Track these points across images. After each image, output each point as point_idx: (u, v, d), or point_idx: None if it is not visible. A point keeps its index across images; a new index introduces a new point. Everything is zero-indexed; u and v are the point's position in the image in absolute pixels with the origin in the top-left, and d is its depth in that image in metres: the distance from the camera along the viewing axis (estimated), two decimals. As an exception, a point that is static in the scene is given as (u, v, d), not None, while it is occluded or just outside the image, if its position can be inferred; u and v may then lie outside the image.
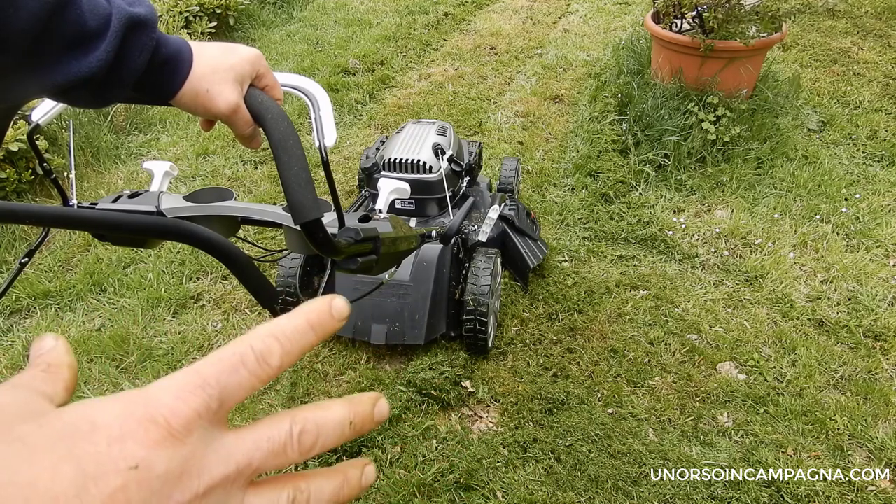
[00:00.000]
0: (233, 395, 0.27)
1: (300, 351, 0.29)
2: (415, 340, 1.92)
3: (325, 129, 0.75)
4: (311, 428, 0.28)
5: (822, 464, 1.68)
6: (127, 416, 0.25)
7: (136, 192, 1.01)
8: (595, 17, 5.05)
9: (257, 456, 0.27)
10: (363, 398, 0.31)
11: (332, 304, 0.30)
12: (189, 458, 0.25)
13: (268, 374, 0.28)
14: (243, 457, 0.27)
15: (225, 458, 0.26)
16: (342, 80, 3.90)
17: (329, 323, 0.30)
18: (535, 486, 1.65)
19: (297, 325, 0.29)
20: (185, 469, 0.25)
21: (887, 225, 2.55)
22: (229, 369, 0.27)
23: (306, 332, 0.29)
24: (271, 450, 0.28)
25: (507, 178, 2.52)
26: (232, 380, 0.27)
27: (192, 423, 0.26)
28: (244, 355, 0.27)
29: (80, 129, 3.09)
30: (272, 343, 0.28)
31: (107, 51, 0.55)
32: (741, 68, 2.89)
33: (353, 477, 0.30)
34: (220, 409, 0.27)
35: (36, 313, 2.26)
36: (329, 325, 0.30)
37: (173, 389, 0.26)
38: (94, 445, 0.24)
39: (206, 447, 0.26)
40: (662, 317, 2.18)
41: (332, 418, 0.29)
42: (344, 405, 0.30)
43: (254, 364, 0.27)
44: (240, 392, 0.27)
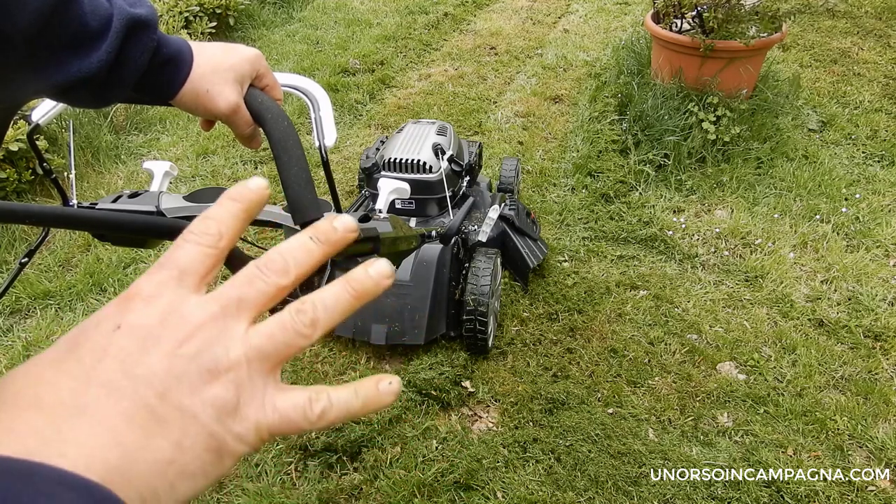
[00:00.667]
0: (188, 263, 0.30)
1: (230, 217, 0.32)
2: (415, 340, 1.93)
3: (325, 129, 0.75)
4: (274, 255, 0.32)
5: (822, 464, 1.68)
6: (107, 307, 0.30)
7: (136, 192, 1.01)
8: (595, 17, 5.05)
9: (233, 290, 0.30)
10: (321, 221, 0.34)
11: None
12: (165, 309, 0.29)
13: (210, 241, 0.31)
14: (220, 295, 0.30)
15: (203, 301, 0.30)
16: (342, 80, 3.90)
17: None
18: (535, 486, 1.65)
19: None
20: (164, 318, 0.29)
21: (887, 225, 2.55)
22: (175, 248, 0.31)
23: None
24: (244, 281, 0.31)
25: (507, 178, 2.52)
26: (180, 253, 0.31)
27: (159, 288, 0.30)
28: (184, 235, 0.32)
29: (80, 129, 3.09)
30: (204, 219, 0.32)
31: (108, 51, 0.55)
32: (741, 68, 2.89)
33: (357, 273, 0.32)
34: (183, 276, 0.30)
35: (36, 313, 2.26)
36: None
37: (141, 277, 0.31)
38: (85, 334, 0.29)
39: (181, 301, 0.29)
40: (662, 317, 2.18)
41: (290, 241, 0.32)
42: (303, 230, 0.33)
43: (192, 237, 0.31)
44: (192, 258, 0.31)
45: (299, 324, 0.30)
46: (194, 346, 0.28)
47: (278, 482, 1.68)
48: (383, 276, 0.32)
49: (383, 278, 0.32)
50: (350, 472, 1.71)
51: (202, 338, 0.29)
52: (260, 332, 0.30)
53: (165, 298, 0.29)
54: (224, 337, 0.29)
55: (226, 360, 0.29)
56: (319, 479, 1.68)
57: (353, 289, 0.31)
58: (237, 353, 0.29)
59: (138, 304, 0.29)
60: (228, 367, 0.29)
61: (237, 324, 0.30)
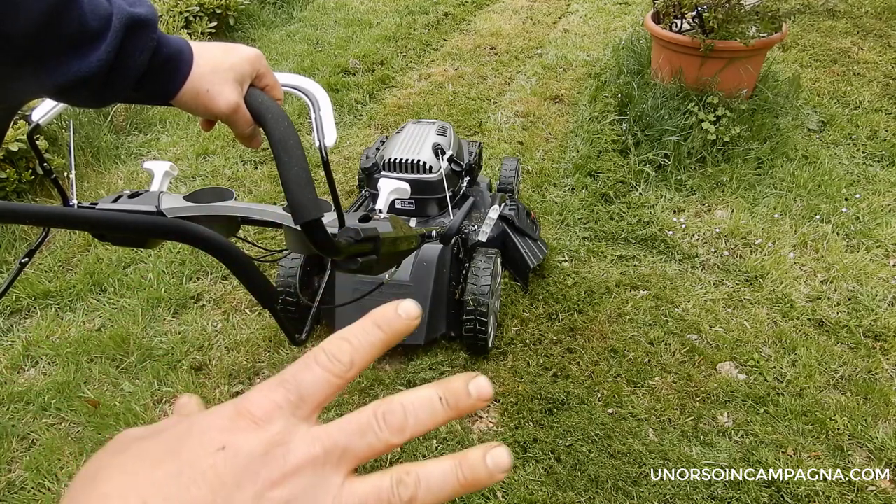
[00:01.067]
0: (311, 390, 0.29)
1: (370, 346, 0.30)
2: (415, 340, 1.93)
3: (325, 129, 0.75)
4: (397, 408, 0.29)
5: (822, 464, 1.68)
6: (217, 415, 0.29)
7: (136, 192, 1.01)
8: (595, 17, 5.05)
9: (342, 437, 0.28)
10: (453, 377, 0.31)
11: (399, 304, 0.31)
12: (272, 440, 0.27)
13: (340, 370, 0.29)
14: (328, 437, 0.28)
15: (310, 440, 0.28)
16: (342, 80, 3.90)
17: (395, 320, 0.31)
18: (535, 486, 1.65)
19: (364, 324, 0.31)
20: (268, 450, 0.27)
21: (887, 225, 2.55)
22: (303, 367, 0.29)
23: (372, 329, 0.31)
24: (356, 430, 0.29)
25: (507, 178, 2.52)
26: (307, 376, 0.29)
27: (273, 412, 0.28)
28: (316, 355, 0.30)
29: (80, 129, 3.09)
30: (340, 342, 0.30)
31: (108, 51, 0.55)
32: (741, 68, 2.89)
33: (473, 457, 0.28)
34: (301, 403, 0.29)
35: (36, 313, 2.26)
36: (395, 322, 0.31)
37: (259, 389, 0.29)
38: (190, 440, 0.28)
39: (290, 433, 0.28)
40: (662, 317, 2.18)
41: (418, 395, 0.30)
42: (432, 385, 0.30)
43: (325, 361, 0.29)
44: (316, 387, 0.29)
45: (397, 499, 0.28)
46: (285, 493, 0.26)
47: (278, 482, 1.68)
48: (501, 468, 0.28)
49: (500, 471, 0.28)
50: (350, 472, 1.71)
51: (296, 484, 0.27)
52: (354, 494, 0.28)
53: (276, 426, 0.28)
54: (318, 487, 0.27)
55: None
56: (319, 479, 1.68)
57: (464, 476, 0.28)
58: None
59: (248, 426, 0.27)
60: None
61: (335, 476, 0.28)
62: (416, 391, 0.30)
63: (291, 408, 0.28)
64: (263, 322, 2.19)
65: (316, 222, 0.65)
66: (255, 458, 0.27)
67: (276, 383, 0.29)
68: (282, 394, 0.28)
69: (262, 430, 0.27)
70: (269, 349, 2.09)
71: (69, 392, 1.94)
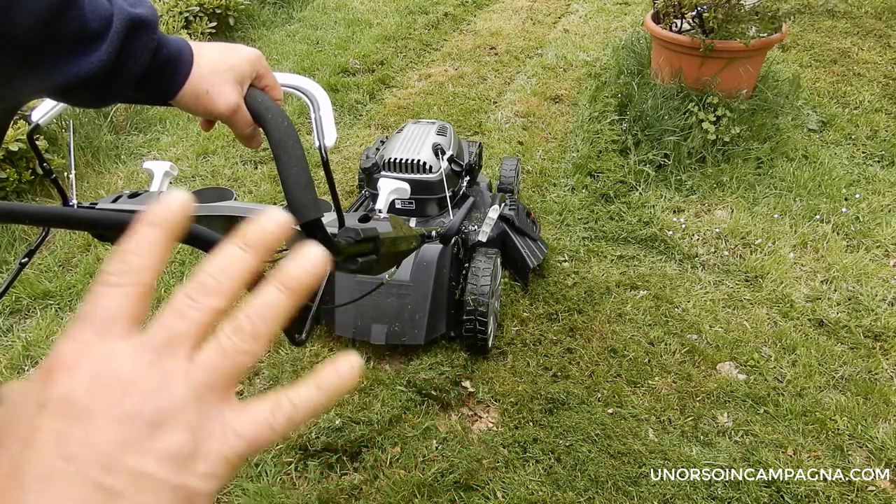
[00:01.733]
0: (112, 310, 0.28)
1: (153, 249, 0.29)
2: (415, 340, 1.93)
3: (325, 129, 0.75)
4: (202, 276, 0.29)
5: (822, 464, 1.68)
6: (28, 382, 0.28)
7: (136, 192, 1.01)
8: (595, 17, 5.05)
9: (163, 330, 0.28)
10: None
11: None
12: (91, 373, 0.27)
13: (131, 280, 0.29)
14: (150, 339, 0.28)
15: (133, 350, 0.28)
16: (342, 80, 3.90)
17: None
18: (535, 486, 1.65)
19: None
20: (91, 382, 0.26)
21: (887, 225, 2.55)
22: (92, 297, 0.29)
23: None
24: (174, 315, 0.29)
25: (507, 178, 2.52)
26: (101, 301, 0.28)
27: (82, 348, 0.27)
28: (101, 280, 0.29)
29: (80, 129, 3.09)
30: (121, 256, 0.29)
31: (108, 51, 0.55)
32: (741, 68, 2.89)
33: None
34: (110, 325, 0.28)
35: (36, 313, 2.26)
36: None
37: (63, 337, 0.29)
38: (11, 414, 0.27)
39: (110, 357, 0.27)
40: (662, 317, 2.18)
41: (219, 254, 0.30)
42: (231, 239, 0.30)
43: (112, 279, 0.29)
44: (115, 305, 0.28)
45: (239, 343, 0.28)
46: (132, 404, 0.26)
47: (278, 482, 1.68)
48: (316, 264, 0.30)
49: (316, 267, 0.30)
50: (350, 472, 1.71)
51: (139, 391, 0.26)
52: (201, 365, 0.28)
53: (91, 360, 0.27)
54: (164, 382, 0.27)
55: (171, 407, 0.27)
56: (319, 479, 1.68)
57: (285, 286, 0.29)
58: (182, 396, 0.27)
59: (62, 375, 0.26)
60: (175, 412, 0.27)
61: (175, 363, 0.28)
62: (216, 254, 0.30)
63: (102, 336, 0.27)
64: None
65: (316, 222, 0.65)
66: (82, 395, 0.26)
67: (77, 323, 0.28)
68: (85, 330, 0.27)
69: (76, 372, 0.26)
70: (269, 349, 2.09)
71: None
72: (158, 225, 0.29)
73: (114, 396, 0.26)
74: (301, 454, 1.74)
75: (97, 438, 0.25)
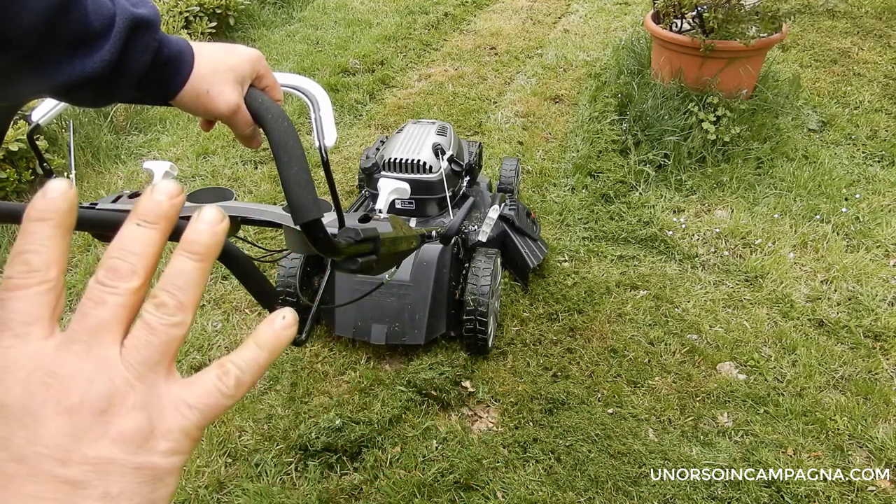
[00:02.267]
0: (26, 312, 0.27)
1: (51, 242, 0.28)
2: (415, 340, 1.93)
3: (325, 130, 0.75)
4: (109, 261, 0.29)
5: (822, 464, 1.68)
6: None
7: (136, 193, 1.01)
8: (595, 17, 5.05)
9: (83, 320, 0.28)
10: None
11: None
12: (23, 377, 0.26)
13: (38, 278, 0.28)
14: (71, 332, 0.28)
15: (61, 344, 0.27)
16: (342, 80, 3.90)
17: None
18: (535, 486, 1.65)
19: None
20: (26, 386, 0.26)
21: (887, 225, 2.55)
22: (1, 304, 0.27)
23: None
24: (91, 304, 0.28)
25: (507, 178, 2.52)
26: (12, 305, 0.27)
27: (3, 357, 0.26)
28: (4, 286, 0.28)
29: (80, 129, 3.09)
30: (19, 257, 0.28)
31: (110, 51, 0.55)
32: (741, 68, 2.89)
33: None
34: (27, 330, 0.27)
35: (36, 313, 2.26)
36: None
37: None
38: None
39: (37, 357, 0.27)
40: (662, 317, 2.18)
41: (118, 238, 0.29)
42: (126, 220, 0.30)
43: (16, 282, 0.28)
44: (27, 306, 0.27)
45: (165, 317, 0.28)
46: (74, 396, 0.26)
47: (278, 482, 1.68)
48: (214, 222, 0.30)
49: (216, 224, 0.30)
50: (350, 472, 1.71)
51: (78, 383, 0.26)
52: (133, 346, 0.28)
53: (18, 364, 0.26)
54: (101, 369, 0.27)
55: (115, 392, 0.26)
56: (319, 479, 1.68)
57: (193, 253, 0.29)
58: (123, 379, 0.27)
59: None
60: (122, 396, 0.27)
61: (108, 350, 0.27)
62: (116, 237, 0.29)
63: (22, 339, 0.27)
64: (262, 322, 2.19)
65: (316, 222, 0.65)
66: (19, 401, 0.25)
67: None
68: (4, 337, 0.27)
69: (7, 377, 0.26)
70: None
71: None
72: (45, 219, 0.28)
73: (54, 392, 0.26)
74: (301, 454, 1.74)
75: (45, 435, 0.25)
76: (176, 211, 0.29)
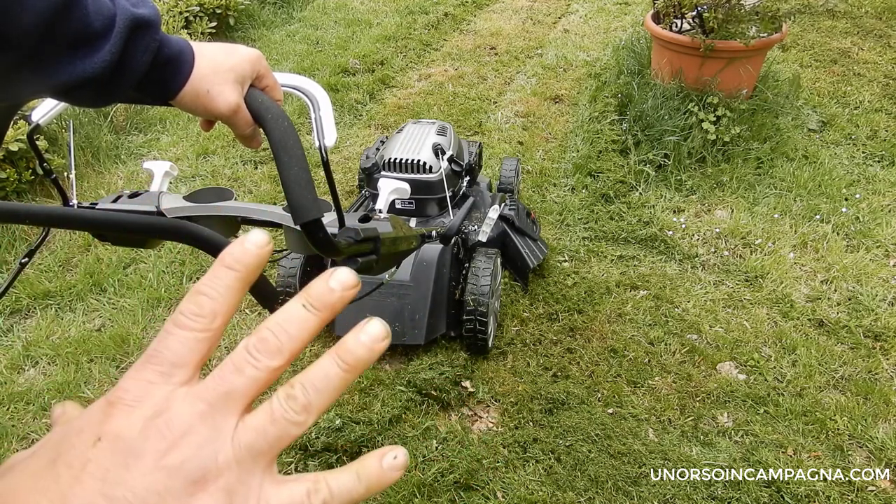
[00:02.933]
0: (180, 354, 0.28)
1: (227, 290, 0.29)
2: (415, 340, 1.93)
3: (325, 129, 0.75)
4: (265, 333, 0.29)
5: (822, 464, 1.68)
6: (91, 412, 0.28)
7: (136, 192, 1.01)
8: (595, 17, 5.05)
9: (222, 383, 0.28)
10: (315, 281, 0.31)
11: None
12: (150, 414, 0.27)
13: (203, 324, 0.28)
14: (208, 389, 0.28)
15: (191, 400, 0.27)
16: (342, 80, 3.90)
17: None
18: (535, 486, 1.65)
19: (214, 271, 0.30)
20: (148, 424, 0.26)
21: (887, 225, 2.55)
22: (165, 336, 0.28)
23: (224, 273, 0.29)
24: (233, 370, 0.28)
25: (507, 178, 2.52)
26: (170, 343, 0.28)
27: (146, 390, 0.27)
28: (175, 319, 0.29)
29: (80, 129, 3.09)
30: (195, 296, 0.29)
31: (111, 51, 0.55)
32: (741, 68, 2.89)
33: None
34: (173, 370, 0.28)
35: (36, 313, 2.26)
36: (244, 258, 0.30)
37: (128, 373, 0.28)
38: (66, 444, 0.27)
39: (169, 401, 0.27)
40: (662, 317, 2.18)
41: (282, 312, 0.29)
42: (295, 297, 0.30)
43: (184, 321, 0.28)
44: (185, 349, 0.28)
45: (290, 413, 0.28)
46: (179, 456, 0.26)
47: (278, 482, 1.68)
48: (377, 339, 0.29)
49: (377, 342, 0.29)
50: (350, 472, 1.71)
51: (188, 444, 0.26)
52: (250, 428, 0.28)
53: (151, 402, 0.27)
54: (212, 439, 0.27)
55: (214, 467, 0.27)
56: (319, 479, 1.68)
57: (344, 362, 0.29)
58: (226, 457, 0.27)
59: (121, 411, 0.27)
60: (217, 473, 0.27)
61: (226, 421, 0.28)
62: (280, 310, 0.29)
63: (165, 378, 0.28)
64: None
65: (316, 222, 0.65)
66: (135, 439, 0.26)
67: (144, 361, 0.28)
68: (150, 370, 0.28)
69: (136, 411, 0.27)
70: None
71: (69, 392, 1.94)
72: (235, 269, 0.29)
73: (164, 444, 0.26)
74: (301, 454, 1.74)
75: (139, 484, 0.25)
76: (343, 305, 0.30)
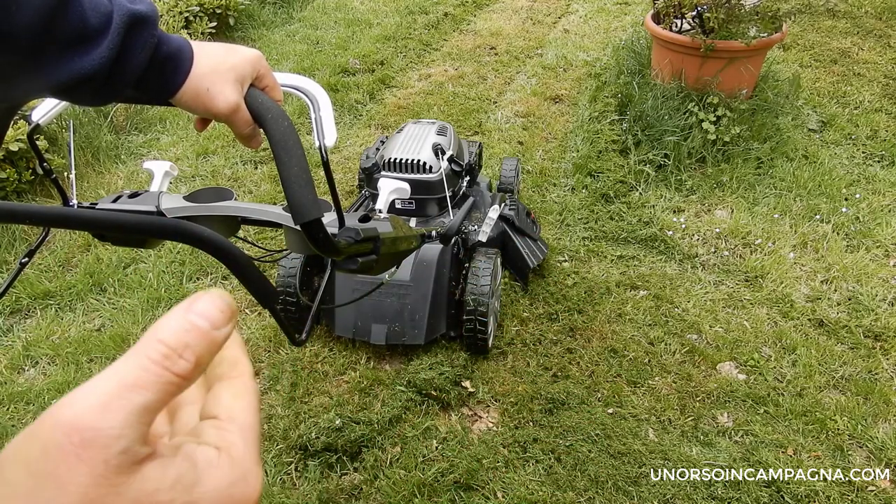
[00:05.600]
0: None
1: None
2: (415, 340, 1.92)
3: (325, 129, 0.75)
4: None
5: (822, 464, 1.68)
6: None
7: (136, 192, 1.01)
8: (595, 17, 5.05)
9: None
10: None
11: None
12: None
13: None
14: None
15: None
16: (342, 80, 3.90)
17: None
18: (535, 486, 1.65)
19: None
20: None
21: (887, 225, 2.55)
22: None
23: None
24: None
25: (507, 178, 2.52)
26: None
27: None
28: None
29: (80, 129, 3.09)
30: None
31: (109, 48, 0.55)
32: (741, 68, 2.89)
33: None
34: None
35: (36, 313, 2.26)
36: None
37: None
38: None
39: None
40: (662, 317, 2.18)
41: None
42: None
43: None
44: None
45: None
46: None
47: (278, 482, 1.68)
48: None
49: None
50: (350, 472, 1.71)
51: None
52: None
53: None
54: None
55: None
56: (319, 479, 1.68)
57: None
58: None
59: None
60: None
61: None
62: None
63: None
64: (263, 322, 2.19)
65: (316, 222, 0.65)
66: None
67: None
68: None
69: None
70: (269, 349, 2.09)
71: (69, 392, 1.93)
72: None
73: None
74: (301, 454, 1.74)
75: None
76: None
